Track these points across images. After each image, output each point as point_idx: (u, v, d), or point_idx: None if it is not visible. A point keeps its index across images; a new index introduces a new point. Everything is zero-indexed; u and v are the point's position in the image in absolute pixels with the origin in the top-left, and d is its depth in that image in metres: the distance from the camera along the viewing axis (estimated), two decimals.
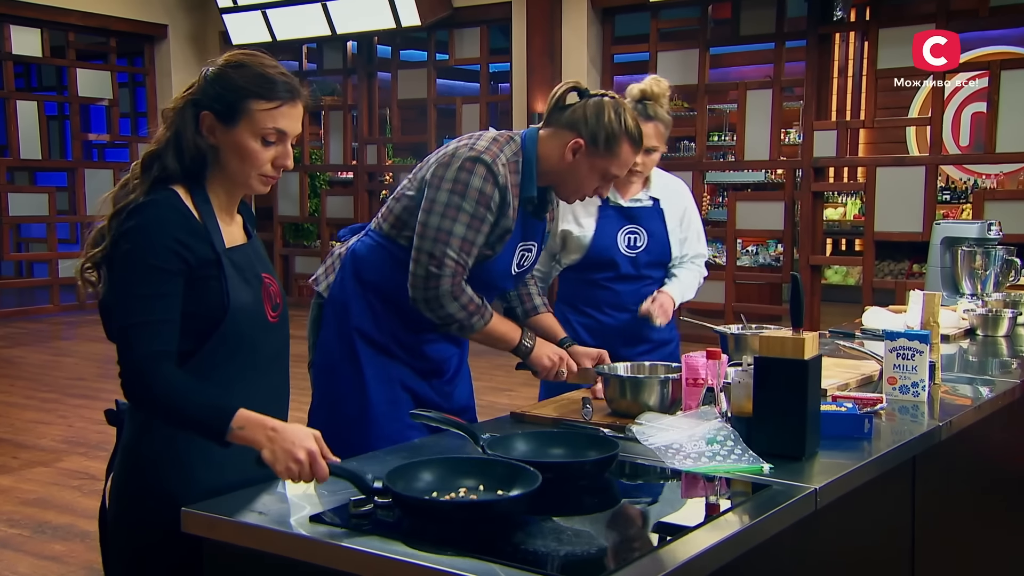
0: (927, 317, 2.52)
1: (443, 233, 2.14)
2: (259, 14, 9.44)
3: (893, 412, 2.19)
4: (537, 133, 2.27)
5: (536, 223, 2.33)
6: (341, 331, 2.31)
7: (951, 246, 3.76)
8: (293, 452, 1.52)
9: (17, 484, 4.45)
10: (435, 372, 2.38)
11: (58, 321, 9.39)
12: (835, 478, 1.72)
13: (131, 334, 1.59)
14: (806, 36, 7.68)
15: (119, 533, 1.72)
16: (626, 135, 2.19)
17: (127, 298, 1.60)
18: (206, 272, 1.64)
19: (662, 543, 1.46)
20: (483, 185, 2.14)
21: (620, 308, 2.78)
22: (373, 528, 1.45)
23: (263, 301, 1.72)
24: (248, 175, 1.69)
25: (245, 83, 1.66)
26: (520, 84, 8.42)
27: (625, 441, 1.88)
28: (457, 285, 2.16)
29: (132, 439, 1.70)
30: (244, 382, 1.69)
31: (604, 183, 2.27)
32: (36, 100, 10.19)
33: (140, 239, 1.60)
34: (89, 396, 6.21)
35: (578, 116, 2.20)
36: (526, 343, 2.29)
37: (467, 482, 1.57)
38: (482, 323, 2.22)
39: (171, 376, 1.58)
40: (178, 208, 1.64)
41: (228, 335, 1.66)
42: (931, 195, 7.05)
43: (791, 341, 1.81)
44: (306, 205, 10.24)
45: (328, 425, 2.28)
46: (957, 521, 2.39)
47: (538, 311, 2.48)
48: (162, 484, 1.65)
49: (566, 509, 1.58)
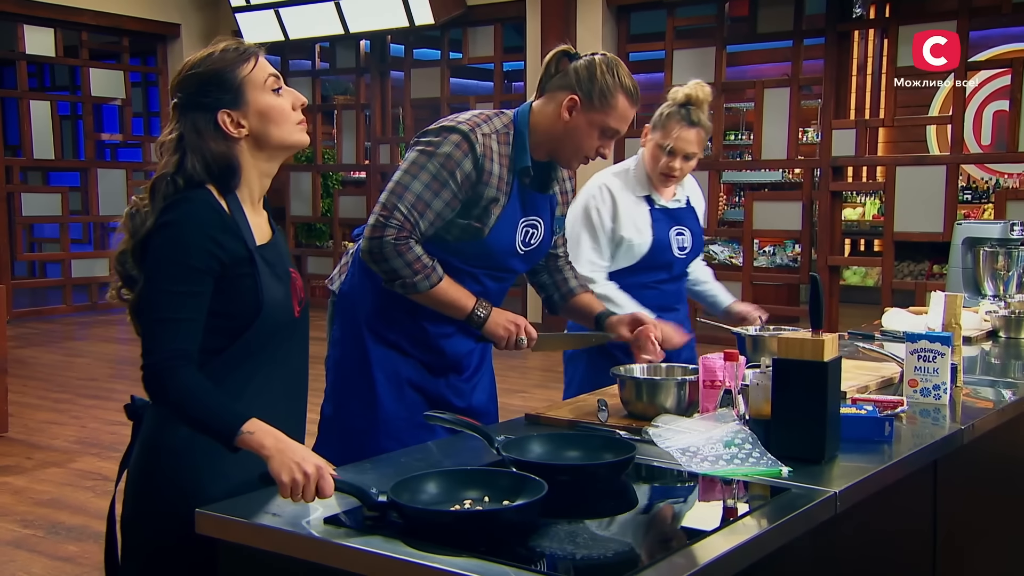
0: (948, 319, 2.51)
1: (399, 186, 2.16)
2: (272, 13, 9.47)
3: (914, 415, 2.18)
4: (530, 106, 2.28)
5: (539, 198, 2.31)
6: (351, 327, 2.32)
7: (973, 246, 3.74)
8: (302, 465, 1.52)
9: (31, 485, 4.48)
10: (452, 368, 2.36)
11: (71, 321, 9.46)
12: (855, 482, 1.71)
13: (156, 330, 1.61)
14: (824, 34, 7.64)
15: (135, 529, 1.72)
16: (621, 88, 2.20)
17: (156, 293, 1.62)
18: (240, 270, 1.65)
19: (679, 547, 1.46)
20: (452, 150, 2.16)
21: (667, 308, 2.78)
22: (388, 530, 1.45)
23: (291, 297, 1.75)
24: (287, 130, 1.72)
25: (222, 64, 1.68)
26: (534, 83, 8.38)
27: (641, 443, 1.88)
28: (402, 240, 2.14)
29: (153, 432, 1.71)
30: (267, 374, 1.71)
31: (605, 140, 2.26)
32: (49, 100, 10.26)
33: (174, 236, 1.62)
34: (102, 397, 6.25)
35: (570, 76, 2.22)
36: (479, 312, 2.23)
37: (472, 493, 1.55)
38: (427, 284, 2.17)
39: (187, 378, 1.59)
40: (212, 205, 1.65)
41: (260, 332, 1.68)
42: (952, 195, 7.01)
43: (810, 343, 1.80)
44: (319, 205, 10.27)
45: (336, 420, 2.32)
46: (980, 526, 2.37)
47: (574, 293, 2.46)
48: (183, 478, 1.66)
49: (581, 512, 1.57)
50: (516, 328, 2.25)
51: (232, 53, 1.70)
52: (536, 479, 1.53)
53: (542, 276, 2.49)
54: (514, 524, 1.47)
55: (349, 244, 2.49)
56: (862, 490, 1.73)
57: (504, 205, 2.22)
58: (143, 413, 1.75)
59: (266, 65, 1.72)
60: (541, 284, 2.49)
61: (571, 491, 1.62)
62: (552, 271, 2.49)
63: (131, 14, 9.71)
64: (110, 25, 9.69)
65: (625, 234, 2.76)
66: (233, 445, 1.57)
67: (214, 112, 1.67)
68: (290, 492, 1.52)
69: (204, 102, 1.67)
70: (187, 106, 1.69)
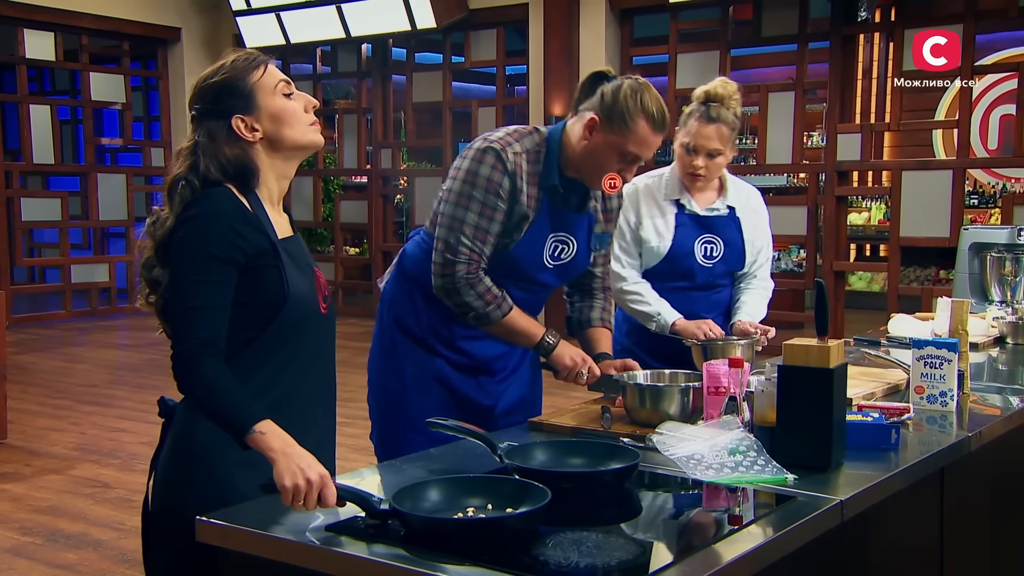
0: (955, 325, 2.51)
1: (456, 221, 2.23)
2: (273, 16, 9.50)
3: (920, 422, 2.18)
4: (564, 124, 2.32)
5: (572, 216, 2.35)
6: (387, 324, 2.43)
7: (979, 252, 3.74)
8: (306, 471, 1.54)
9: (29, 492, 4.49)
10: (482, 369, 2.42)
11: (70, 327, 9.47)
12: (861, 490, 1.71)
13: (183, 320, 1.67)
14: (830, 37, 7.65)
15: (165, 523, 1.75)
16: (643, 112, 2.21)
17: (181, 284, 1.68)
18: (264, 261, 1.72)
19: (683, 556, 1.46)
20: (491, 173, 2.22)
21: (693, 315, 2.74)
22: (390, 539, 1.45)
23: (316, 291, 1.81)
24: (300, 131, 1.79)
25: (233, 73, 1.76)
26: (537, 86, 8.44)
27: (645, 451, 1.87)
28: (473, 273, 2.23)
29: (184, 426, 1.75)
30: (296, 370, 1.77)
31: (626, 165, 2.27)
32: (49, 104, 10.27)
33: (197, 228, 1.68)
34: (101, 403, 6.25)
35: (597, 96, 2.25)
36: (548, 340, 2.31)
37: (475, 501, 1.55)
38: (499, 314, 2.26)
39: (211, 370, 1.65)
40: (233, 200, 1.72)
41: (287, 322, 1.73)
42: (958, 199, 7.00)
43: (816, 349, 1.80)
44: (320, 210, 10.28)
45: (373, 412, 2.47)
46: (987, 534, 2.37)
47: (591, 323, 2.48)
48: (213, 471, 1.70)
49: (585, 520, 1.58)
50: (581, 362, 2.30)
51: (242, 62, 1.77)
52: (539, 486, 1.53)
53: (573, 296, 2.54)
54: (517, 532, 1.47)
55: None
56: (868, 498, 1.73)
57: (533, 221, 2.28)
58: (174, 410, 1.80)
59: (276, 71, 1.80)
60: (571, 302, 2.54)
61: (575, 499, 1.61)
62: (583, 293, 2.51)
63: (131, 18, 9.74)
64: (110, 29, 9.72)
65: (644, 235, 2.76)
66: (244, 442, 1.61)
67: (228, 118, 1.75)
68: (292, 498, 1.53)
69: (218, 110, 1.75)
70: (203, 116, 1.77)
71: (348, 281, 10.35)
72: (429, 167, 10.78)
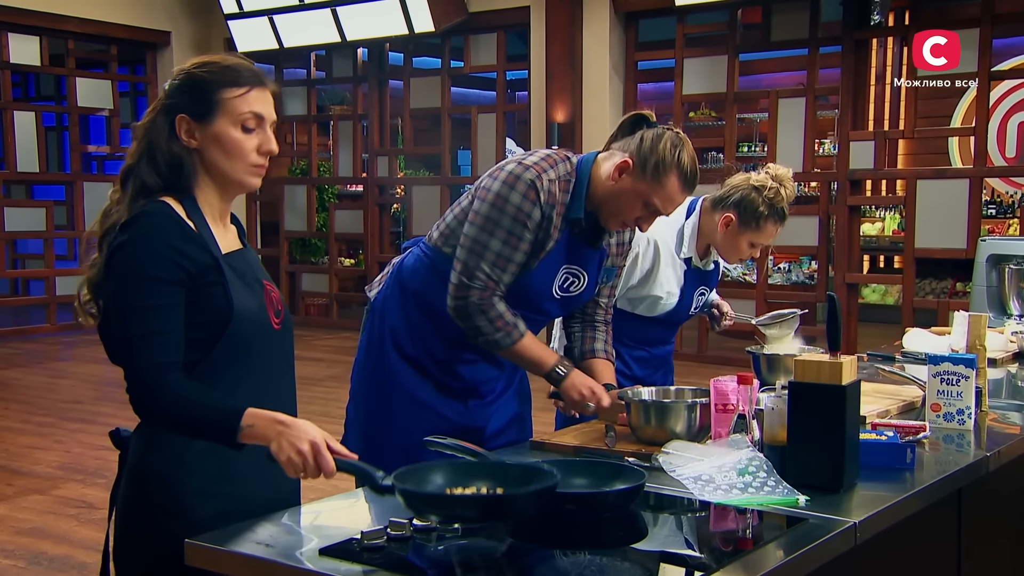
0: (973, 340, 2.51)
1: (479, 246, 2.24)
2: (266, 20, 9.53)
3: (937, 441, 2.18)
4: (595, 156, 2.33)
5: (586, 250, 2.35)
6: (377, 338, 2.42)
7: (997, 263, 3.74)
8: (296, 444, 1.57)
9: (12, 513, 4.48)
10: (471, 393, 2.43)
11: (55, 341, 9.47)
12: (876, 511, 1.71)
13: (135, 347, 1.63)
14: (841, 41, 7.67)
15: (127, 556, 1.74)
16: (677, 168, 2.23)
17: (127, 311, 1.64)
18: (207, 279, 1.68)
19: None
20: (522, 202, 2.22)
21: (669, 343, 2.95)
22: (385, 562, 1.45)
23: (266, 307, 1.77)
24: (237, 168, 1.75)
25: (213, 76, 1.73)
26: (539, 92, 8.46)
27: (651, 471, 1.87)
28: (487, 299, 2.23)
29: (139, 457, 1.73)
30: (249, 391, 1.72)
31: (646, 215, 2.29)
32: (34, 110, 10.31)
33: (136, 250, 1.65)
34: (87, 420, 6.25)
35: (635, 140, 2.26)
36: (559, 370, 2.31)
37: (482, 482, 1.60)
38: (509, 341, 2.27)
39: (177, 385, 1.63)
40: (171, 217, 1.69)
41: (233, 341, 1.70)
42: (975, 209, 7.01)
43: (828, 365, 1.80)
44: (314, 220, 10.29)
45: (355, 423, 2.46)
46: (1007, 558, 2.36)
47: (594, 354, 2.49)
48: (171, 501, 1.68)
49: (589, 542, 1.58)
50: (591, 395, 2.29)
51: (230, 72, 1.74)
52: (547, 468, 1.56)
53: (574, 325, 2.54)
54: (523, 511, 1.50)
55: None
56: (883, 520, 1.73)
57: (550, 251, 2.29)
58: (128, 441, 1.77)
59: (255, 102, 1.74)
60: (571, 332, 2.54)
61: (579, 520, 1.61)
62: (586, 324, 2.52)
63: (119, 21, 9.77)
64: (97, 33, 9.75)
65: (655, 291, 2.77)
66: (235, 442, 1.61)
67: (175, 114, 1.72)
68: (294, 472, 1.57)
69: (172, 103, 1.73)
70: (166, 96, 1.75)
71: (343, 293, 10.35)
72: (427, 175, 10.81)
